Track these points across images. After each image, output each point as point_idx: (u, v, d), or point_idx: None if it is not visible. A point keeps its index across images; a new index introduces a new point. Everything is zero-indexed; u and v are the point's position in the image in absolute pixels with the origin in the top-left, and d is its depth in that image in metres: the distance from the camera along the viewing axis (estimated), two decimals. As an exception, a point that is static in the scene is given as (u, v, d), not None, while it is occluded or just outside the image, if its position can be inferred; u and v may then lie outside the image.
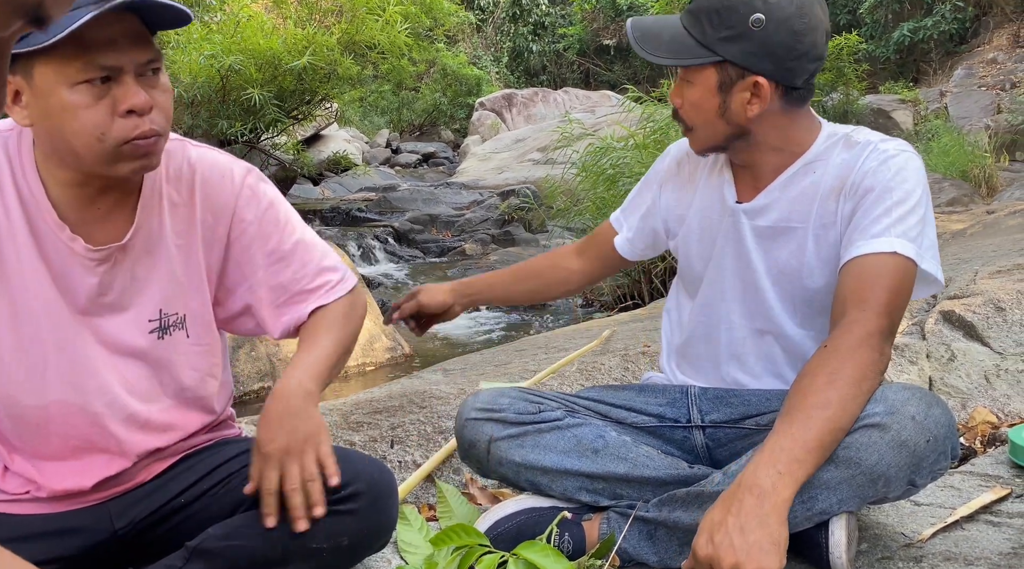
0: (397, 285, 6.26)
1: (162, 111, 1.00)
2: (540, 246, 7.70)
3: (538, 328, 5.17)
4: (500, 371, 2.14)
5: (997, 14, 13.67)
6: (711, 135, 1.26)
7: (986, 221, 4.89)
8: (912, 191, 1.16)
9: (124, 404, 1.09)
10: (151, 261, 1.09)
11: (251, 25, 7.32)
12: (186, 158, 1.13)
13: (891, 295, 1.13)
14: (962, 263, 2.52)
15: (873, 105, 11.54)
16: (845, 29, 12.99)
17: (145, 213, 1.08)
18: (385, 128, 17.10)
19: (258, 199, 1.15)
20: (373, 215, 8.58)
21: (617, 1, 15.84)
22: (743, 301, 1.32)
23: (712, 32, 1.19)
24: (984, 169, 7.76)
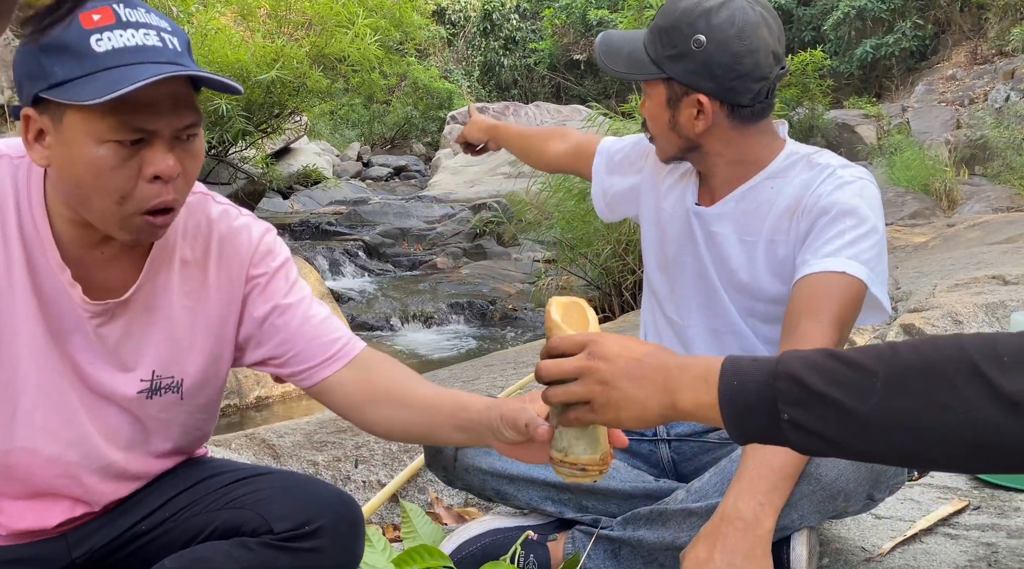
0: (368, 298, 6.23)
1: (187, 179, 0.95)
2: (512, 259, 7.71)
3: (509, 341, 5.17)
4: (468, 388, 2.13)
5: (955, 32, 14.04)
6: (668, 146, 1.32)
7: (946, 234, 5.00)
8: (867, 217, 1.19)
9: (102, 454, 1.04)
10: (150, 320, 1.04)
11: (219, 38, 7.26)
12: (206, 215, 1.08)
13: (842, 309, 1.15)
14: (922, 276, 2.57)
15: (838, 120, 11.77)
16: (810, 45, 13.25)
17: (152, 269, 1.03)
18: (356, 141, 17.04)
19: (272, 256, 1.10)
20: (343, 229, 8.54)
21: (587, 17, 16.00)
22: (701, 300, 1.35)
23: (661, 50, 1.25)
24: (945, 183, 7.95)
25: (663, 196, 1.42)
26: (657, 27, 1.25)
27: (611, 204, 1.54)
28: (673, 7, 1.25)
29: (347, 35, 7.65)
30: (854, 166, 1.27)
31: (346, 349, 1.09)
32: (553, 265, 5.93)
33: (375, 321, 5.52)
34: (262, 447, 1.66)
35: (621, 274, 5.04)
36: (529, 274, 6.76)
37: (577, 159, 1.61)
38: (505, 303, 6.14)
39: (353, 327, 5.05)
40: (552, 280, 5.85)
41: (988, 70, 12.22)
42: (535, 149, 1.69)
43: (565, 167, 1.68)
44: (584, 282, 5.52)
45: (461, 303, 5.94)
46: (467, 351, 4.93)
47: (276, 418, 3.26)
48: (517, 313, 5.98)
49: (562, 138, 1.67)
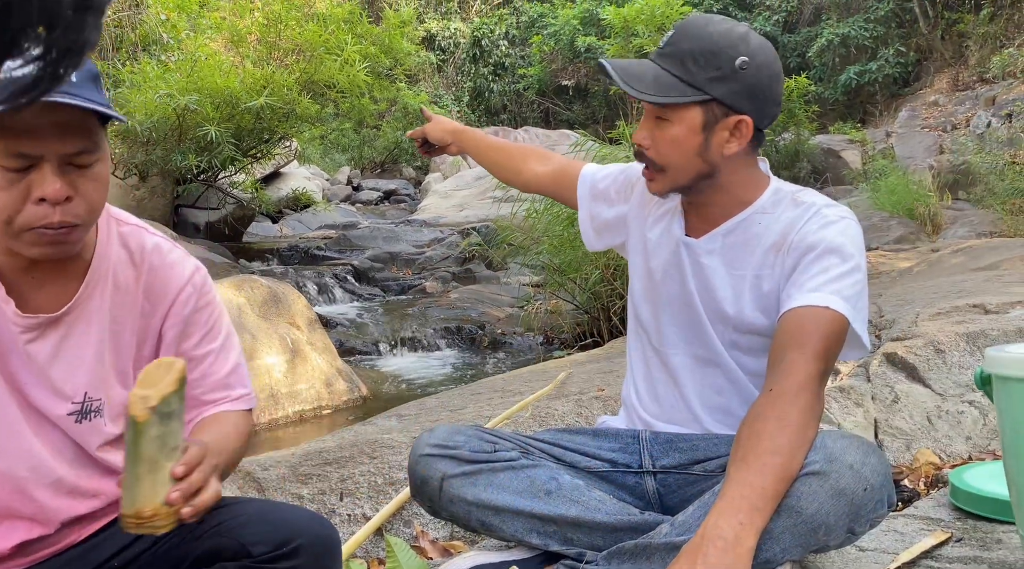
0: (357, 323, 6.21)
1: (85, 202, 0.97)
2: (500, 283, 7.72)
3: (498, 366, 5.16)
4: (455, 417, 2.13)
5: (937, 59, 14.28)
6: (682, 174, 1.29)
7: (931, 259, 5.05)
8: (851, 256, 1.22)
9: (51, 469, 1.05)
10: (80, 341, 1.06)
11: (209, 64, 7.29)
12: (141, 245, 1.11)
13: (826, 343, 1.17)
14: (905, 304, 2.59)
15: (823, 145, 11.91)
16: (795, 72, 13.44)
17: (88, 290, 1.06)
18: (346, 165, 17.08)
19: (197, 297, 1.13)
20: (332, 253, 8.53)
21: (575, 43, 16.18)
22: (686, 330, 1.36)
23: (700, 72, 1.23)
24: (929, 207, 8.03)
25: (649, 226, 1.43)
26: (688, 51, 1.24)
27: (599, 231, 1.54)
28: (703, 32, 1.25)
29: (336, 62, 7.70)
30: (838, 205, 1.30)
31: (224, 403, 1.14)
32: (542, 289, 5.94)
33: (363, 346, 5.50)
34: (247, 480, 1.65)
35: (609, 299, 5.05)
36: (518, 298, 6.76)
37: (558, 183, 1.59)
38: (494, 327, 6.13)
39: (341, 352, 5.03)
40: (541, 304, 5.86)
41: (969, 96, 12.42)
42: (511, 165, 1.65)
43: (544, 189, 1.65)
44: (572, 306, 5.53)
45: (450, 328, 5.93)
46: (456, 377, 4.92)
47: (263, 446, 3.24)
48: (506, 338, 5.98)
49: (542, 159, 1.64)
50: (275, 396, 3.83)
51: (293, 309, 4.24)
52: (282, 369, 3.89)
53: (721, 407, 1.37)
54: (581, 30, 16.15)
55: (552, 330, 5.79)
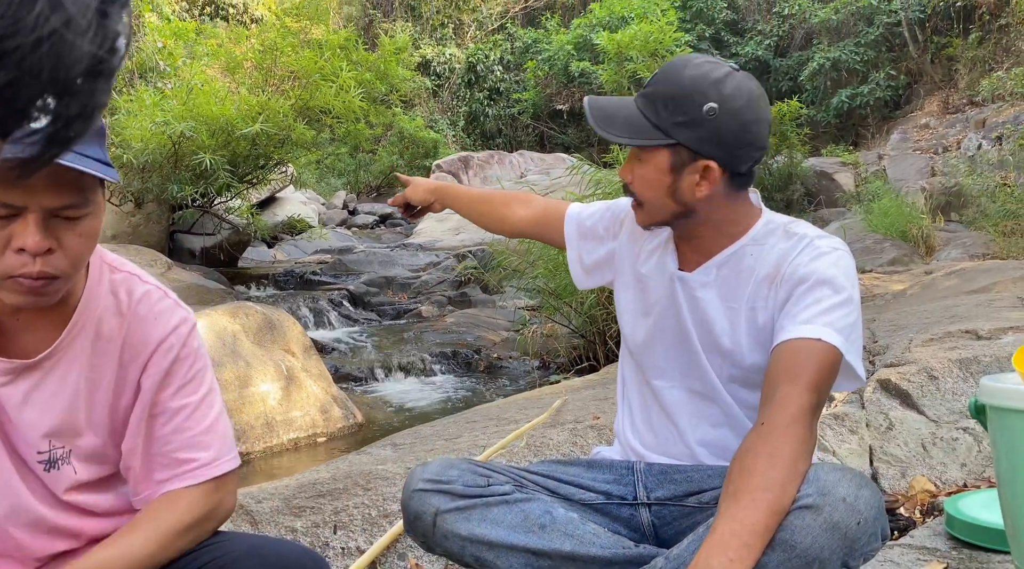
0: (352, 349, 6.19)
1: (68, 256, 0.95)
2: (496, 307, 7.72)
3: (494, 392, 5.15)
4: (449, 446, 2.13)
5: (927, 82, 14.45)
6: (659, 211, 1.32)
7: (924, 281, 5.07)
8: (843, 287, 1.22)
9: (30, 508, 1.04)
10: (55, 389, 1.05)
11: (205, 91, 7.34)
12: (129, 293, 1.10)
13: (819, 374, 1.17)
14: (898, 330, 2.60)
15: (816, 167, 11.99)
16: (787, 95, 13.58)
17: (69, 337, 1.04)
18: (342, 189, 17.14)
19: (180, 347, 1.10)
20: (328, 278, 8.53)
21: (569, 69, 16.34)
22: (682, 363, 1.36)
23: (667, 116, 1.25)
24: (922, 229, 8.08)
25: (642, 261, 1.43)
26: (661, 94, 1.27)
27: (589, 270, 1.55)
28: (677, 76, 1.27)
29: (332, 88, 7.76)
30: (830, 237, 1.31)
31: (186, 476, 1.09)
32: (538, 313, 5.94)
33: (358, 372, 5.48)
34: (239, 513, 1.64)
35: (605, 322, 5.05)
36: (514, 322, 6.76)
37: (544, 225, 1.60)
38: (490, 352, 6.12)
39: (337, 378, 5.01)
40: (537, 328, 5.86)
41: (960, 119, 12.54)
42: (494, 214, 1.65)
43: (530, 233, 1.65)
44: (568, 330, 5.53)
45: (446, 352, 5.92)
46: (452, 402, 4.90)
47: (257, 476, 3.22)
48: (502, 362, 5.96)
49: (525, 203, 1.64)
50: (270, 424, 3.81)
51: (288, 336, 4.23)
52: (277, 396, 3.88)
53: (717, 441, 1.36)
54: (575, 55, 16.32)
55: (548, 354, 5.79)
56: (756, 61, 16.71)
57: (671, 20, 10.65)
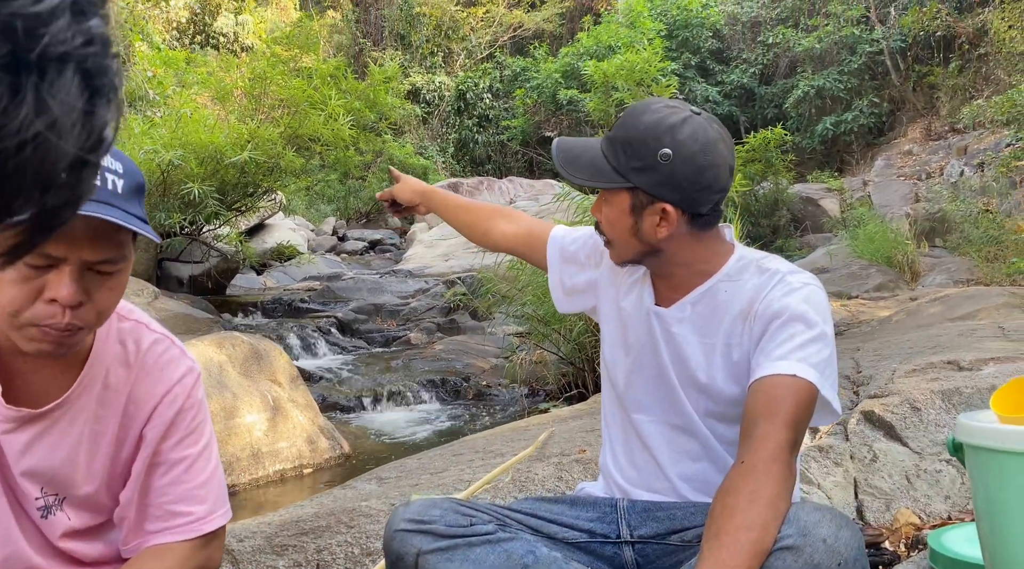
0: (340, 377, 6.16)
1: (96, 309, 0.95)
2: (486, 333, 7.71)
3: (483, 420, 5.13)
4: (435, 480, 2.11)
5: (909, 110, 14.67)
6: (625, 250, 1.34)
7: (910, 308, 5.11)
8: (816, 322, 1.23)
9: (24, 555, 1.03)
10: (58, 440, 1.04)
11: (194, 119, 7.37)
12: (137, 343, 1.09)
13: (797, 410, 1.18)
14: (882, 360, 2.62)
15: (802, 193, 12.12)
16: (772, 122, 13.75)
17: (79, 389, 1.04)
18: (332, 216, 17.16)
19: (184, 398, 1.10)
20: (316, 305, 8.50)
21: (557, 96, 16.51)
22: (660, 398, 1.37)
23: (625, 161, 1.28)
24: (907, 255, 8.15)
25: (623, 295, 1.45)
26: (620, 139, 1.29)
27: (570, 294, 1.55)
28: (635, 121, 1.29)
29: (321, 116, 7.80)
30: (802, 272, 1.32)
31: (178, 530, 1.08)
32: (527, 339, 5.94)
33: (346, 401, 5.45)
34: (221, 552, 1.62)
35: (594, 349, 5.06)
36: (503, 348, 6.76)
37: (527, 244, 1.60)
38: (479, 379, 6.10)
39: (324, 407, 4.98)
40: (526, 355, 5.85)
41: (942, 145, 12.73)
42: (479, 225, 1.65)
43: (513, 249, 1.65)
44: (557, 357, 5.53)
45: (434, 380, 5.90)
46: (439, 431, 4.88)
47: (242, 510, 3.18)
48: (491, 389, 5.95)
49: (511, 219, 1.64)
50: (256, 455, 3.78)
51: (275, 366, 4.21)
52: (263, 427, 3.85)
53: (697, 475, 1.37)
54: (563, 83, 16.49)
55: (537, 381, 5.78)
56: (741, 89, 16.94)
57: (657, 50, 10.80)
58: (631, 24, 15.96)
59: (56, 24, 0.32)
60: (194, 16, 17.01)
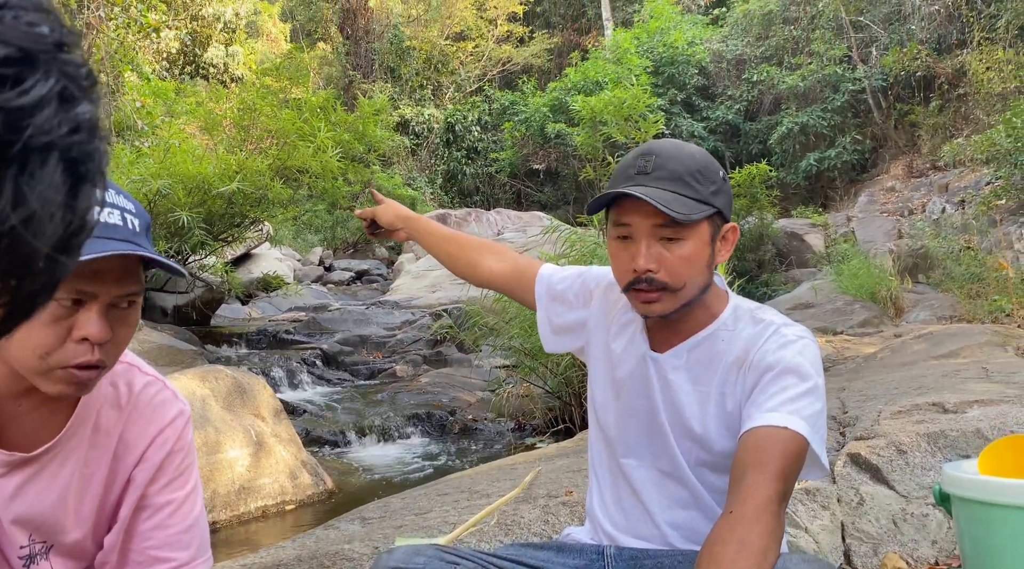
0: (324, 411, 6.10)
1: (117, 345, 0.97)
2: (472, 366, 7.67)
3: (468, 456, 5.08)
4: (420, 521, 2.09)
5: (892, 147, 14.92)
6: (694, 290, 1.28)
7: (894, 345, 5.14)
8: (809, 376, 1.24)
9: None
10: (47, 485, 1.03)
11: (182, 150, 7.37)
12: (130, 386, 1.09)
13: (786, 462, 1.17)
14: (868, 400, 2.63)
15: (787, 228, 12.24)
16: (756, 158, 13.94)
17: (69, 433, 1.03)
18: (319, 245, 17.15)
19: (174, 441, 1.10)
20: (301, 337, 8.44)
21: (545, 130, 16.67)
22: (651, 445, 1.36)
23: (703, 188, 1.26)
24: (891, 291, 8.23)
25: (612, 337, 1.44)
26: (688, 172, 1.26)
27: (558, 333, 1.53)
28: (682, 153, 1.28)
29: (310, 148, 7.83)
30: (795, 325, 1.33)
31: None
32: (514, 372, 5.91)
33: (330, 435, 5.39)
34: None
35: (581, 384, 5.04)
36: (490, 381, 6.73)
37: (514, 282, 1.57)
38: (465, 413, 6.06)
39: (307, 442, 4.92)
40: (513, 388, 5.82)
41: (924, 183, 12.93)
42: (464, 259, 1.61)
43: (499, 286, 1.61)
44: (544, 391, 5.50)
45: (420, 414, 5.85)
46: (425, 467, 4.83)
47: (220, 549, 3.12)
48: (477, 424, 5.90)
49: (498, 255, 1.60)
50: (238, 491, 3.72)
51: (258, 399, 4.16)
52: (245, 463, 3.80)
53: (686, 523, 1.36)
54: (551, 117, 16.67)
55: (523, 415, 5.74)
56: (727, 124, 17.18)
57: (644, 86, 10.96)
58: (618, 60, 16.21)
59: (41, 115, 0.31)
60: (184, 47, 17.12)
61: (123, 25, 7.23)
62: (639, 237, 1.26)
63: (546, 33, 22.17)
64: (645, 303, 1.27)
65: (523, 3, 21.70)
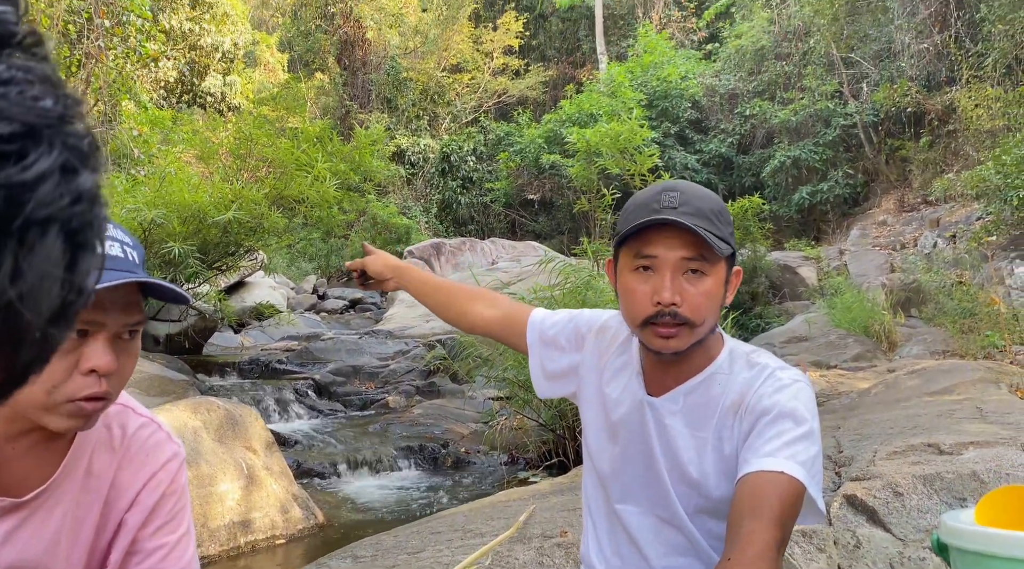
0: (316, 442, 6.05)
1: (121, 377, 0.97)
2: (466, 397, 7.64)
3: (461, 491, 5.03)
4: (412, 561, 2.06)
5: (883, 181, 15.07)
6: (708, 328, 1.28)
7: (888, 381, 5.14)
8: (804, 420, 1.23)
9: None
10: (38, 530, 1.01)
11: (178, 178, 7.39)
12: (123, 428, 1.08)
13: (783, 509, 1.17)
14: (863, 440, 2.62)
15: (780, 261, 12.30)
16: (750, 191, 14.06)
17: (60, 477, 1.02)
18: (313, 274, 17.15)
19: (168, 484, 1.09)
20: (294, 367, 8.40)
21: (540, 160, 16.79)
22: (648, 490, 1.35)
23: (723, 227, 1.26)
24: (884, 325, 8.25)
25: (606, 381, 1.43)
26: (710, 209, 1.26)
27: (551, 379, 1.52)
28: (701, 192, 1.29)
29: (307, 178, 7.87)
30: (790, 368, 1.32)
31: None
32: (507, 404, 5.88)
33: (321, 467, 5.34)
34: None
35: (575, 417, 5.02)
36: (483, 413, 6.69)
37: (506, 328, 1.57)
38: (458, 446, 6.01)
39: (299, 474, 4.87)
40: (506, 420, 5.79)
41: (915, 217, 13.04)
42: (455, 307, 1.61)
43: (490, 333, 1.60)
44: (537, 424, 5.47)
45: (412, 447, 5.80)
46: (417, 501, 4.78)
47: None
48: (470, 457, 5.86)
49: (490, 303, 1.60)
50: (228, 526, 3.67)
51: (250, 431, 4.13)
52: (236, 497, 3.75)
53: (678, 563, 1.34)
54: (546, 148, 16.80)
55: (517, 449, 5.70)
56: (720, 157, 17.34)
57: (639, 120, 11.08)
58: (612, 93, 16.40)
59: (43, 188, 0.30)
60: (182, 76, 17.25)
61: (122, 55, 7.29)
62: (663, 269, 1.24)
63: (541, 66, 22.44)
64: (664, 338, 1.25)
65: (519, 37, 21.99)
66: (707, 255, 1.22)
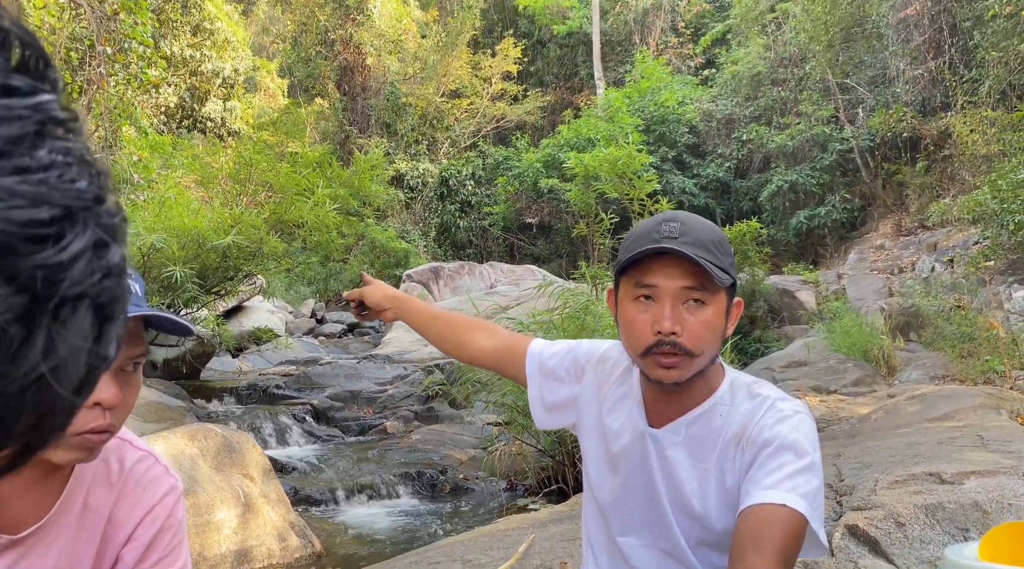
0: (314, 468, 6.01)
1: (125, 409, 0.97)
2: (464, 422, 7.60)
3: (460, 518, 4.99)
4: (411, 593, 2.04)
5: (880, 206, 15.14)
6: (708, 359, 1.27)
7: (888, 406, 5.13)
8: (806, 452, 1.23)
9: None
10: (33, 567, 1.01)
11: (178, 203, 7.42)
12: (121, 462, 1.08)
13: (785, 541, 1.16)
14: (864, 468, 2.61)
15: (778, 285, 12.31)
16: (747, 215, 14.11)
17: (57, 513, 1.02)
18: (311, 298, 17.14)
19: (165, 518, 1.09)
20: (292, 392, 8.37)
21: (538, 184, 16.88)
22: (649, 522, 1.34)
23: (724, 258, 1.27)
24: (883, 349, 8.24)
25: (607, 412, 1.42)
26: (711, 240, 1.26)
27: (550, 410, 1.51)
28: (702, 224, 1.29)
29: (306, 203, 7.90)
30: (791, 399, 1.32)
31: None
32: (506, 429, 5.85)
33: (319, 494, 5.30)
34: None
35: (574, 444, 4.99)
36: (482, 439, 6.65)
37: (505, 359, 1.56)
38: (456, 472, 5.97)
39: (296, 501, 4.83)
40: (505, 446, 5.75)
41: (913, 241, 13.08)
42: (454, 338, 1.60)
43: (489, 364, 1.59)
44: (536, 450, 5.44)
45: (410, 473, 5.76)
46: (415, 529, 4.73)
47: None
48: (468, 483, 5.81)
49: (488, 333, 1.59)
50: (224, 555, 3.64)
51: (247, 458, 4.10)
52: (233, 525, 3.72)
53: None
54: (544, 172, 16.89)
55: (516, 475, 5.66)
56: (717, 182, 17.43)
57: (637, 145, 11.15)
58: (610, 118, 16.51)
59: (77, 267, 0.32)
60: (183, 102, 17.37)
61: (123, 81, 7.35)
62: (663, 299, 1.24)
63: (539, 91, 22.62)
64: (665, 367, 1.25)
65: (517, 63, 22.19)
66: (707, 285, 1.23)
